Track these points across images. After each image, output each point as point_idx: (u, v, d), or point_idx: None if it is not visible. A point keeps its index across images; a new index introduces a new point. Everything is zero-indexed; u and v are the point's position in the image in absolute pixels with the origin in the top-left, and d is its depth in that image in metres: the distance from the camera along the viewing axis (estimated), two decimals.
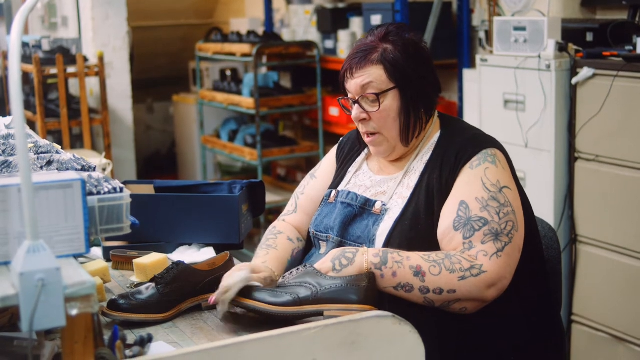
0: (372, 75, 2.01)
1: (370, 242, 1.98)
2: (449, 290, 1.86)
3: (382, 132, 2.04)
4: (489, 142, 2.02)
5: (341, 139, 2.31)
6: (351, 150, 2.24)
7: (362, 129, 2.08)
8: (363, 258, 1.86)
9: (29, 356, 1.57)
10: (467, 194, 1.94)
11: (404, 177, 2.05)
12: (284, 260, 2.10)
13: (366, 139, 2.09)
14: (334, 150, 2.29)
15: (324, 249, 2.09)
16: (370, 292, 1.81)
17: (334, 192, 2.15)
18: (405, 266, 1.86)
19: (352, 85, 2.04)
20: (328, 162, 2.29)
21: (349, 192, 2.09)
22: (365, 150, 2.20)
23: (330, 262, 1.86)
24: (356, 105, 2.04)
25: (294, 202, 2.27)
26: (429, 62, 2.08)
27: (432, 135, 2.09)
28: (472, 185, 1.94)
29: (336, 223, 2.06)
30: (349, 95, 2.07)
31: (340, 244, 2.04)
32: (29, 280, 1.28)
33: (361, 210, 2.04)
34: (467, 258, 1.88)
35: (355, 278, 1.81)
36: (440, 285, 1.85)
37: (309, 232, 2.18)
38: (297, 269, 1.88)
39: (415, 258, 1.87)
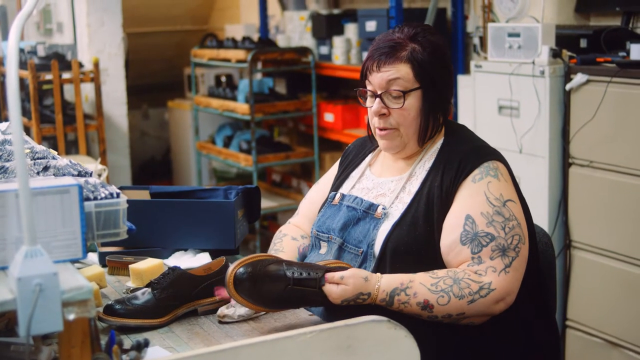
0: (400, 72, 2.00)
1: (370, 246, 1.99)
2: (458, 314, 1.88)
3: (399, 128, 2.04)
4: (492, 155, 2.02)
5: (347, 147, 2.33)
6: (355, 157, 2.25)
7: (378, 123, 2.06)
8: (371, 301, 1.90)
9: None
10: (471, 208, 1.94)
11: (407, 182, 2.06)
12: (293, 259, 2.16)
13: (379, 132, 2.07)
14: (339, 160, 2.31)
15: (324, 249, 2.11)
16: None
17: (338, 194, 2.16)
18: (412, 304, 1.88)
19: (377, 78, 2.02)
20: (332, 170, 2.32)
21: (355, 197, 2.10)
22: (369, 157, 2.21)
23: (341, 302, 1.89)
24: (377, 99, 2.03)
25: (299, 207, 2.34)
26: (451, 66, 2.09)
27: (436, 141, 2.09)
28: (475, 199, 1.94)
29: (338, 225, 2.08)
30: (370, 88, 2.06)
31: (341, 245, 2.05)
32: (27, 285, 1.29)
33: (364, 214, 2.05)
34: (475, 279, 1.88)
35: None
36: (449, 312, 1.88)
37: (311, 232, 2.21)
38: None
39: (422, 292, 1.88)
